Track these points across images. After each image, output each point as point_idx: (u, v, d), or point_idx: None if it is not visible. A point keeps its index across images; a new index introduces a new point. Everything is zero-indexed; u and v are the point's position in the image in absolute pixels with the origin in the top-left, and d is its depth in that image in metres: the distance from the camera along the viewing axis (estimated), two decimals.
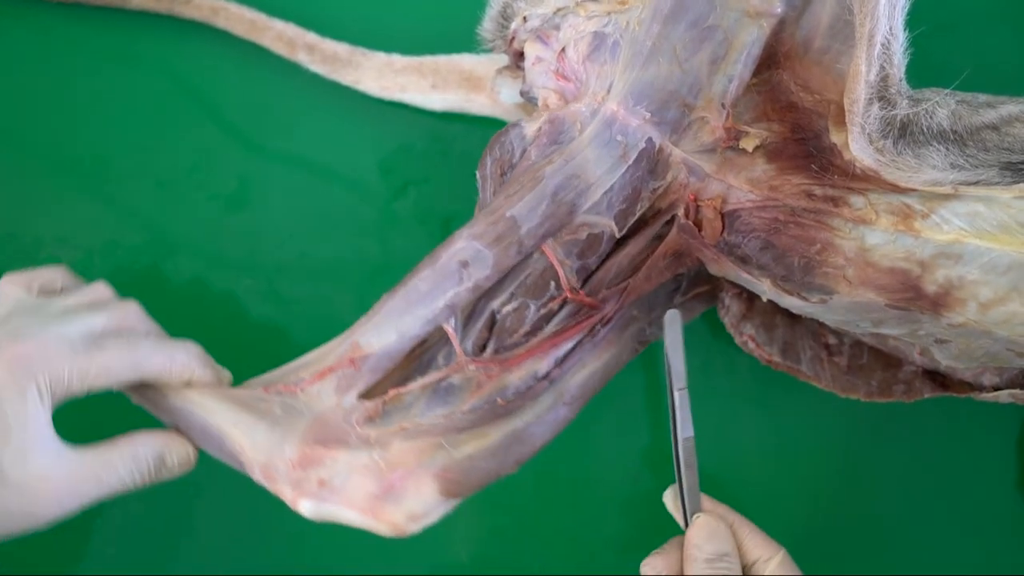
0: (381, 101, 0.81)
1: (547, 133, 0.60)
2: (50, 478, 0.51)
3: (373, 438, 0.55)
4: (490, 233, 0.57)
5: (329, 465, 0.54)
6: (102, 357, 0.52)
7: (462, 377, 0.57)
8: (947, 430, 0.74)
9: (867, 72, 0.53)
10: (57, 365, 0.51)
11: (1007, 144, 0.55)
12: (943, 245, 0.53)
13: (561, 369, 0.59)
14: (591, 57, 0.60)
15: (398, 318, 0.57)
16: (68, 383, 0.51)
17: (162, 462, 0.55)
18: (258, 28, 0.80)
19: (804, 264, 0.57)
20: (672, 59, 0.56)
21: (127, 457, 0.53)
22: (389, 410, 0.57)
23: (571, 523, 0.74)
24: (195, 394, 0.56)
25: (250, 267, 0.78)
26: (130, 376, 0.54)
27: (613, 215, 0.59)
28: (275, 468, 0.54)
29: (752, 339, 0.68)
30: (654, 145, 0.59)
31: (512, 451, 0.57)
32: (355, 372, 0.56)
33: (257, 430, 0.55)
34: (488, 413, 0.56)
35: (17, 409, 0.50)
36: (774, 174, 0.57)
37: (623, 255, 0.61)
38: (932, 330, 0.57)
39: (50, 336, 0.52)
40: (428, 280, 0.57)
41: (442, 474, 0.54)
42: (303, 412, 0.56)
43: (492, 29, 0.69)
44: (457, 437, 0.55)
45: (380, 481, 0.53)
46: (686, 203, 0.60)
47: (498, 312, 0.59)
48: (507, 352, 0.59)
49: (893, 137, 0.54)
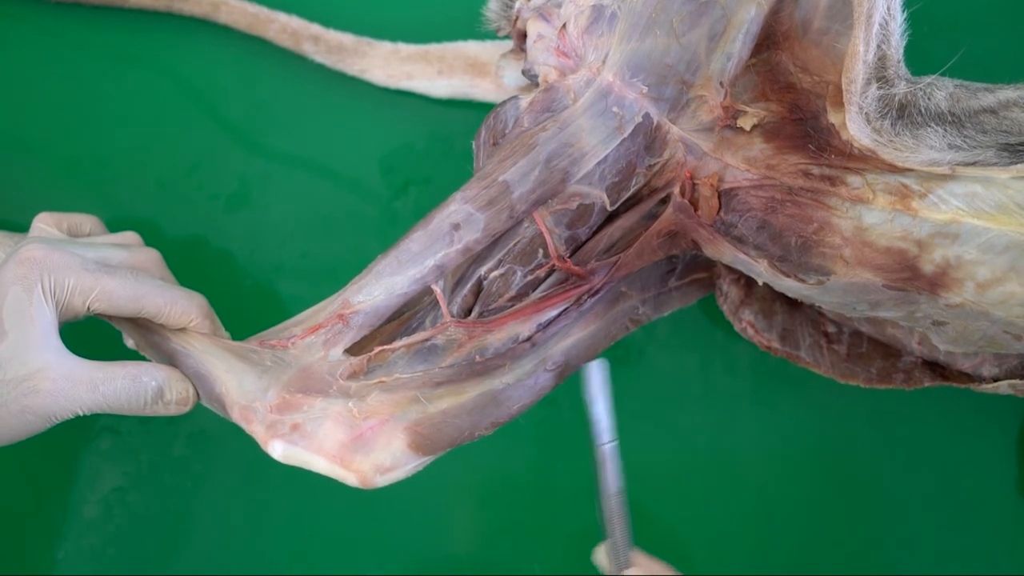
0: (382, 100, 0.81)
1: (541, 101, 0.60)
2: (48, 372, 0.51)
3: (352, 390, 0.55)
4: (482, 197, 0.58)
5: (305, 411, 0.54)
6: (108, 280, 0.54)
7: (445, 338, 0.58)
8: (947, 430, 0.74)
9: (865, 52, 0.53)
10: (63, 274, 0.52)
11: (1005, 127, 0.55)
12: (940, 225, 0.53)
13: (544, 334, 0.60)
14: (589, 30, 0.60)
15: (388, 277, 0.58)
16: (70, 295, 0.53)
17: (160, 394, 0.55)
18: (261, 22, 0.80)
19: (801, 244, 0.56)
20: (669, 32, 0.56)
21: (128, 376, 0.54)
22: (373, 367, 0.57)
23: (571, 523, 0.73)
24: (193, 338, 0.58)
25: (250, 267, 0.78)
26: (130, 307, 0.55)
27: (605, 187, 0.59)
28: (253, 410, 0.55)
29: (751, 325, 0.68)
30: (652, 121, 0.59)
31: (488, 411, 0.57)
32: (343, 327, 0.57)
33: (246, 378, 0.55)
34: (466, 370, 0.57)
35: (22, 303, 0.51)
36: (771, 153, 0.57)
37: (615, 227, 0.61)
38: (929, 311, 0.56)
39: (65, 252, 0.54)
40: (419, 241, 0.58)
41: (413, 427, 0.54)
42: (291, 364, 0.57)
43: (497, 9, 0.70)
44: (433, 392, 0.56)
45: (351, 429, 0.54)
46: (682, 181, 0.60)
47: (485, 278, 0.59)
48: (491, 315, 0.59)
49: (891, 118, 0.54)
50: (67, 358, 0.53)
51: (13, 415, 0.51)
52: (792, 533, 0.73)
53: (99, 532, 0.73)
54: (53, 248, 0.53)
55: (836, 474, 0.74)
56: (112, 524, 0.73)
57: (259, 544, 0.73)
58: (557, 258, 0.59)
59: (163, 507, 0.74)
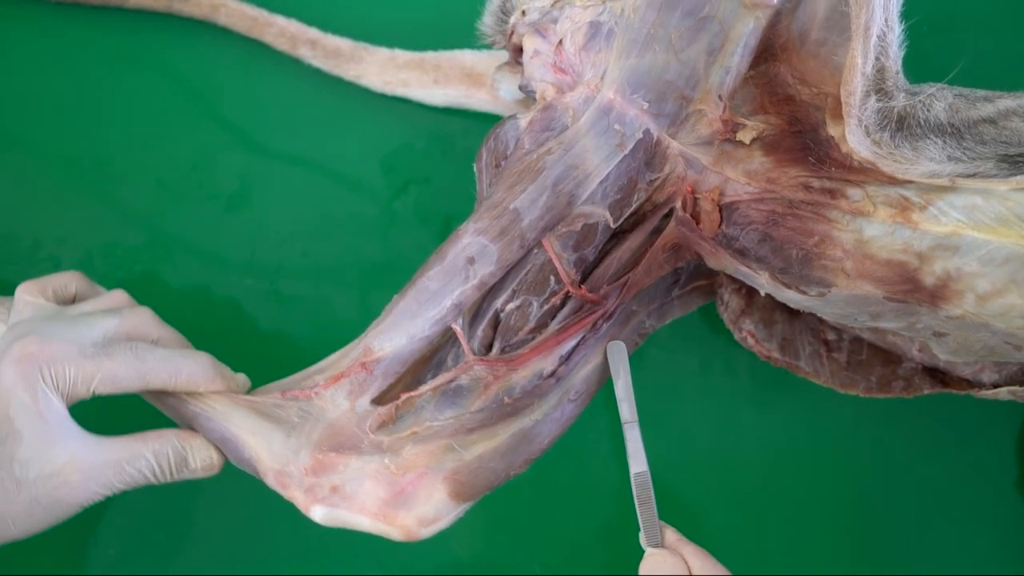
0: (382, 100, 0.81)
1: (539, 120, 0.60)
2: (76, 463, 0.51)
3: (386, 444, 0.55)
4: (495, 227, 0.58)
5: (341, 471, 0.54)
6: (109, 364, 0.53)
7: (470, 378, 0.57)
8: (947, 430, 0.74)
9: (863, 64, 0.53)
10: (62, 365, 0.51)
11: (1004, 137, 0.55)
12: (941, 237, 0.53)
13: (567, 366, 0.60)
14: (586, 46, 0.60)
15: (409, 320, 0.57)
16: (73, 385, 0.52)
17: (184, 463, 0.55)
18: (259, 25, 0.80)
19: (802, 257, 0.56)
20: (668, 48, 0.56)
21: (151, 452, 0.54)
22: (402, 415, 0.57)
23: (570, 523, 0.74)
24: (213, 400, 0.57)
25: (251, 267, 0.78)
26: (136, 386, 0.54)
27: (608, 204, 0.59)
28: (289, 475, 0.54)
29: (751, 335, 0.68)
30: (652, 136, 0.58)
31: (521, 450, 0.57)
32: (367, 376, 0.57)
33: (274, 439, 0.55)
34: (496, 412, 0.57)
35: (30, 407, 0.51)
36: (771, 166, 0.57)
37: (623, 249, 0.61)
38: (930, 323, 0.56)
39: (56, 337, 0.52)
40: (437, 278, 0.57)
41: (452, 476, 0.54)
42: (318, 418, 0.56)
43: (491, 24, 0.68)
44: (467, 438, 0.56)
45: (391, 486, 0.54)
46: (684, 196, 0.60)
47: (501, 310, 0.59)
48: (513, 351, 0.59)
49: (890, 130, 0.54)
50: (90, 443, 0.52)
51: (44, 508, 0.51)
52: (792, 533, 0.73)
53: (99, 532, 0.73)
54: (47, 339, 0.52)
55: (836, 474, 0.74)
56: (112, 524, 0.73)
57: (259, 544, 0.74)
58: (571, 284, 0.59)
59: (163, 507, 0.74)
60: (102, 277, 0.75)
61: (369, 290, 0.77)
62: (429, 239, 0.78)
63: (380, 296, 0.76)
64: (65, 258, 0.77)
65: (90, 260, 0.78)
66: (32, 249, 0.78)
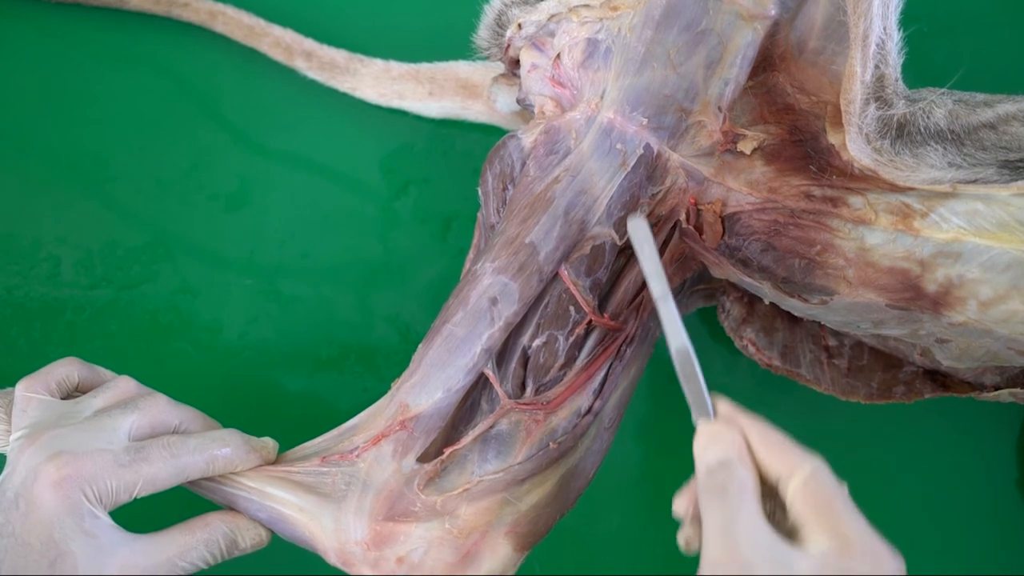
0: None
1: (543, 144, 0.60)
2: (130, 570, 0.51)
3: (439, 505, 0.55)
4: (513, 264, 0.57)
5: (403, 541, 0.54)
6: (148, 468, 0.52)
7: (509, 422, 0.57)
8: (947, 430, 0.74)
9: (862, 73, 0.53)
10: (103, 481, 0.51)
11: (1004, 143, 0.55)
12: (942, 244, 0.53)
13: (602, 400, 0.59)
14: (585, 64, 0.59)
15: (441, 371, 0.56)
16: (115, 496, 0.51)
17: (234, 544, 0.55)
18: (256, 33, 0.80)
19: (804, 266, 0.57)
20: (666, 64, 0.56)
21: (201, 543, 0.54)
22: (447, 468, 0.56)
23: (571, 523, 0.74)
24: (249, 479, 0.56)
25: (251, 267, 0.78)
26: (176, 482, 0.54)
27: (613, 223, 0.59)
28: (350, 552, 0.54)
29: (752, 343, 0.68)
30: (652, 151, 0.59)
31: (571, 488, 0.58)
32: (409, 435, 0.56)
33: (325, 513, 0.55)
34: (544, 459, 0.56)
35: (76, 529, 0.50)
36: (773, 176, 0.57)
37: (635, 271, 0.61)
38: (933, 330, 0.57)
39: (88, 449, 0.51)
40: (463, 324, 0.56)
41: (513, 530, 0.55)
42: (366, 483, 0.56)
43: (487, 37, 0.67)
44: (519, 489, 0.56)
45: (457, 550, 0.54)
46: (687, 208, 0.60)
47: (528, 348, 0.59)
48: (547, 390, 0.58)
49: (891, 137, 0.54)
50: (140, 546, 0.52)
51: None
52: None
53: None
54: (80, 456, 0.51)
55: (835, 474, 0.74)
56: None
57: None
58: (592, 312, 0.59)
59: (163, 507, 0.74)
60: (102, 277, 0.76)
61: (368, 290, 0.77)
62: (429, 239, 0.78)
63: (380, 296, 0.77)
64: (65, 258, 0.77)
65: (90, 260, 0.77)
66: (32, 249, 0.78)
